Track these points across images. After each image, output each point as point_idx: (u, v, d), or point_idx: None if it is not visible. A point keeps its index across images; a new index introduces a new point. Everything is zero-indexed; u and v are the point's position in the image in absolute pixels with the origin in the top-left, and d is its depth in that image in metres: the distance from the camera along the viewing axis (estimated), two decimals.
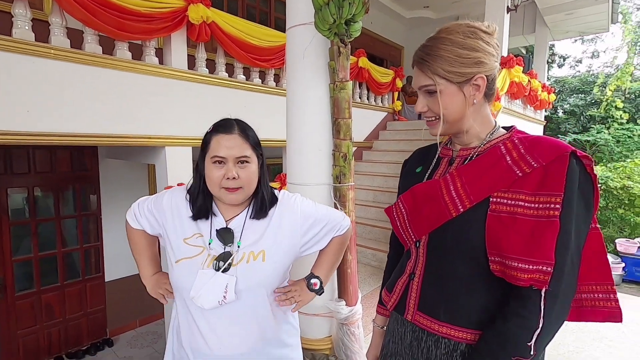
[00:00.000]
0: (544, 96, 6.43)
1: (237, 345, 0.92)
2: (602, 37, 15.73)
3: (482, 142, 0.79)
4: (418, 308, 0.80)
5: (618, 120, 11.62)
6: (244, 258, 0.91)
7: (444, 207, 0.75)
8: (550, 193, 0.65)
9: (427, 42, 0.80)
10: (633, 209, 7.67)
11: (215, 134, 0.91)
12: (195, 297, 0.87)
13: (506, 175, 0.70)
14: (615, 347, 2.44)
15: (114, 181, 4.27)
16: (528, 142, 0.72)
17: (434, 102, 0.77)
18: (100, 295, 4.24)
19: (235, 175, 0.87)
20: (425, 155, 0.93)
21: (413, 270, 0.83)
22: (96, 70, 2.54)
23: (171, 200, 0.98)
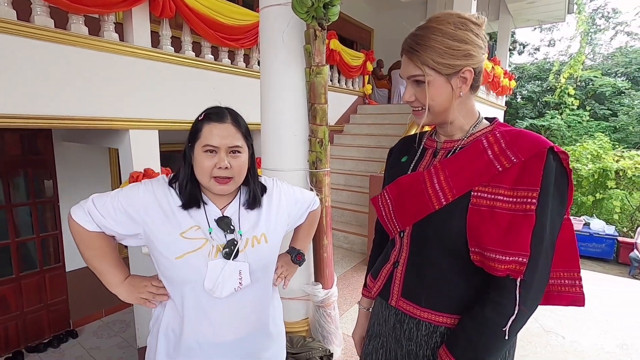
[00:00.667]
0: (506, 82, 6.71)
1: (247, 328, 0.95)
2: (559, 27, 16.53)
3: (465, 135, 0.80)
4: (401, 295, 0.84)
5: (570, 106, 12.42)
6: (248, 243, 0.93)
7: (427, 200, 0.77)
8: (528, 188, 0.68)
9: (418, 30, 0.78)
10: (580, 190, 8.31)
11: (208, 123, 0.88)
12: (212, 289, 0.87)
13: (487, 170, 0.73)
14: (564, 316, 2.68)
15: (71, 166, 4.00)
16: (509, 136, 0.74)
17: (421, 92, 0.78)
18: (61, 286, 4.03)
19: (227, 165, 0.86)
20: (410, 144, 0.94)
21: (397, 259, 0.86)
22: (48, 45, 2.33)
23: (153, 194, 0.90)
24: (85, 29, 2.51)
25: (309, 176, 1.90)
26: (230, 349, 0.93)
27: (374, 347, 0.94)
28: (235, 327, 0.93)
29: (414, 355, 0.82)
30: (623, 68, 13.74)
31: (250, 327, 0.96)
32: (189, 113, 3.20)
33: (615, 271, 6.23)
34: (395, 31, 8.30)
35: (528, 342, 2.34)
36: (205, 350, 0.92)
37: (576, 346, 2.31)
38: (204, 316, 0.90)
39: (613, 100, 12.99)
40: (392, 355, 0.88)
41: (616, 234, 7.29)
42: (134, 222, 0.88)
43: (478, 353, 0.71)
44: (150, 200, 0.89)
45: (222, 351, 0.92)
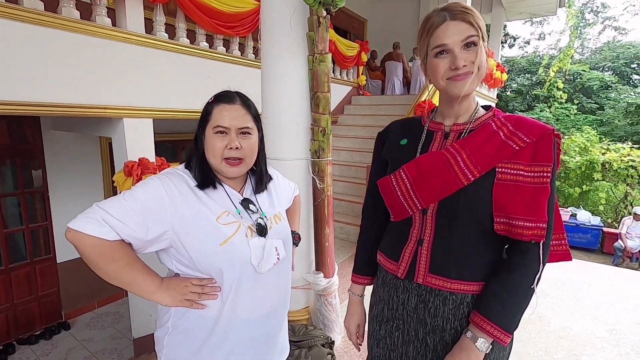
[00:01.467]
0: (498, 75, 6.76)
1: (279, 301, 0.98)
2: (549, 20, 16.67)
3: (470, 119, 0.87)
4: (430, 271, 0.86)
5: (558, 99, 12.62)
6: (273, 222, 0.98)
7: (454, 177, 0.81)
8: (543, 164, 0.78)
9: (455, 4, 0.82)
10: (568, 181, 8.49)
11: (217, 104, 0.89)
12: (260, 265, 0.90)
13: (504, 149, 0.80)
14: (556, 303, 2.76)
15: (61, 155, 3.91)
16: (513, 120, 0.83)
17: (473, 55, 0.79)
18: (53, 278, 3.96)
19: (238, 145, 0.87)
20: (408, 128, 0.97)
21: (420, 237, 0.87)
22: (38, 29, 2.24)
23: (174, 187, 0.85)
24: (76, 12, 2.42)
25: (311, 165, 1.89)
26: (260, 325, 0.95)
27: (387, 331, 0.94)
28: (271, 301, 0.96)
29: (440, 329, 0.85)
30: (610, 62, 13.99)
31: (280, 301, 0.99)
32: (183, 101, 3.14)
33: (600, 260, 6.41)
34: (388, 22, 8.27)
35: (523, 329, 2.40)
36: (242, 329, 0.91)
37: (568, 332, 2.39)
38: (248, 295, 0.91)
39: (600, 94, 13.24)
40: (412, 336, 0.90)
41: (601, 225, 7.50)
42: (160, 222, 0.81)
43: (512, 312, 0.78)
44: (174, 193, 0.84)
45: (255, 327, 0.94)
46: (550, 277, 3.25)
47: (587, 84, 13.14)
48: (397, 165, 0.90)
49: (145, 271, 0.85)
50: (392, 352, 0.93)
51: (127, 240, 0.80)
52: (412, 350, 0.89)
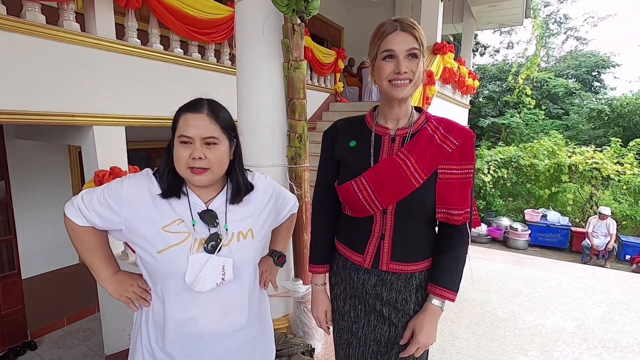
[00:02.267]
0: (470, 82, 7.00)
1: (233, 323, 0.94)
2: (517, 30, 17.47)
3: (409, 123, 1.01)
4: (391, 259, 1.02)
5: (527, 105, 13.17)
6: (234, 237, 0.92)
7: (407, 181, 0.96)
8: (468, 162, 0.97)
9: (404, 18, 0.94)
10: (538, 184, 8.85)
11: (184, 113, 0.87)
12: (193, 283, 0.85)
13: (441, 152, 0.97)
14: (529, 301, 2.85)
15: (26, 166, 3.73)
16: (443, 124, 1.00)
17: (414, 65, 0.93)
18: (17, 295, 3.73)
19: (202, 155, 0.85)
20: (354, 128, 1.07)
21: (382, 232, 1.02)
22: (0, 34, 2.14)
23: (135, 188, 0.89)
24: (42, 17, 2.33)
25: (288, 172, 1.89)
26: (216, 343, 0.92)
27: (352, 305, 1.09)
28: (218, 321, 0.92)
29: (394, 301, 1.04)
30: (573, 70, 14.77)
31: (237, 322, 0.94)
32: (157, 109, 3.07)
33: (569, 259, 6.69)
34: (364, 30, 8.41)
35: (498, 327, 2.47)
36: (189, 343, 0.90)
37: (541, 329, 2.47)
38: (186, 309, 0.89)
39: (565, 100, 13.93)
40: (371, 307, 1.06)
41: (570, 225, 7.84)
42: (117, 217, 0.88)
43: (457, 278, 1.01)
44: (133, 194, 0.88)
45: (207, 344, 0.91)
46: (524, 276, 3.37)
47: (553, 90, 13.81)
48: (352, 166, 1.02)
49: (104, 259, 0.96)
50: (354, 324, 1.09)
51: (96, 227, 0.91)
52: (374, 319, 1.06)
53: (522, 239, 7.80)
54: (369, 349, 1.07)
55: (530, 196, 9.26)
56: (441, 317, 1.03)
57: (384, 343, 1.05)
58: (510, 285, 3.17)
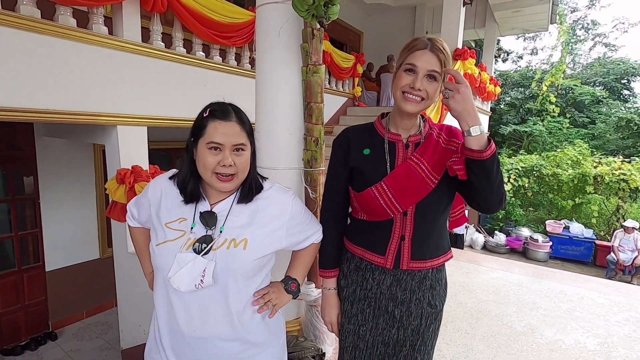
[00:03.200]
0: (491, 88, 6.87)
1: (209, 328, 0.91)
2: (541, 36, 17.04)
3: (419, 131, 1.08)
4: (411, 259, 1.07)
5: (551, 113, 12.80)
6: (224, 244, 0.90)
7: (424, 183, 1.01)
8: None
9: (437, 40, 0.98)
10: (561, 194, 8.57)
11: (213, 120, 0.88)
12: (172, 279, 0.86)
13: (447, 152, 1.03)
14: (548, 315, 2.75)
15: (53, 162, 3.88)
16: (445, 130, 1.07)
17: (430, 86, 0.97)
18: (40, 286, 3.89)
19: (232, 162, 0.87)
20: (366, 136, 1.11)
21: (402, 234, 1.06)
22: (34, 36, 2.25)
23: (155, 188, 0.99)
24: (73, 20, 2.44)
25: (303, 175, 1.90)
26: (199, 347, 0.92)
27: (359, 308, 1.12)
28: (199, 326, 0.91)
29: (408, 300, 1.08)
30: (601, 78, 14.27)
31: (220, 331, 0.92)
32: (179, 110, 3.15)
33: (592, 273, 6.43)
34: (384, 35, 8.39)
35: (515, 340, 2.39)
36: (176, 341, 0.93)
37: (560, 344, 2.38)
38: (171, 306, 0.92)
39: (592, 108, 13.46)
40: (382, 310, 1.10)
41: (594, 238, 7.55)
42: (145, 212, 1.02)
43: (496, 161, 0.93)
44: (155, 194, 0.99)
45: (191, 347, 0.92)
46: (543, 289, 3.26)
47: (579, 98, 13.37)
48: (367, 174, 1.05)
49: (148, 258, 1.04)
50: (361, 327, 1.11)
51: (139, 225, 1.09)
52: (382, 322, 1.09)
53: (543, 251, 7.56)
54: (376, 351, 1.10)
55: (552, 207, 8.97)
56: (455, 328, 1.06)
57: (392, 345, 1.09)
58: (528, 297, 3.07)
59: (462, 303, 2.86)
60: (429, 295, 1.09)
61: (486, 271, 3.68)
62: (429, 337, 1.12)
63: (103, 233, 4.32)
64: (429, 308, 1.09)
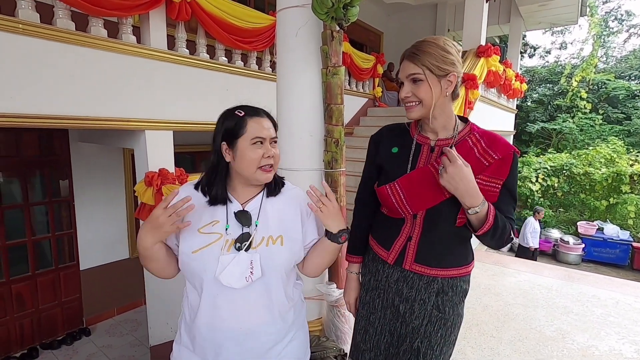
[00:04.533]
0: (517, 85, 6.66)
1: (254, 321, 0.96)
2: (570, 29, 16.36)
3: (452, 135, 1.04)
4: (415, 260, 1.07)
5: (582, 110, 12.25)
6: (263, 241, 0.96)
7: (439, 191, 0.99)
8: (498, 177, 0.99)
9: (417, 43, 1.00)
10: (593, 194, 8.18)
11: (251, 117, 0.95)
12: (221, 277, 0.90)
13: (477, 165, 0.99)
14: (580, 320, 2.64)
15: (86, 166, 4.08)
16: (486, 137, 1.02)
17: (417, 89, 0.99)
18: (75, 284, 4.10)
19: (272, 153, 0.96)
20: (398, 136, 1.14)
21: (410, 234, 1.07)
22: (69, 47, 2.38)
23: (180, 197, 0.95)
24: (104, 31, 2.56)
25: (324, 176, 1.91)
26: (241, 341, 0.95)
27: (372, 297, 1.17)
28: (245, 319, 0.95)
29: (412, 299, 1.09)
30: (637, 71, 13.54)
31: (262, 322, 0.96)
32: (203, 114, 3.24)
33: (630, 277, 6.09)
34: (404, 35, 8.31)
35: (544, 345, 2.31)
36: (217, 338, 0.94)
37: (594, 350, 2.28)
38: (217, 307, 0.93)
39: (627, 103, 12.78)
40: (389, 302, 1.14)
41: (631, 240, 7.16)
42: None
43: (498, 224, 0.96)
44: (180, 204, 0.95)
45: (234, 341, 0.94)
46: (575, 293, 3.12)
47: (613, 93, 12.72)
48: (391, 171, 1.08)
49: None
50: (372, 314, 1.17)
51: None
52: (389, 314, 1.13)
53: (575, 253, 7.25)
54: (383, 338, 1.15)
55: (585, 207, 8.58)
56: (480, 331, 1.05)
57: (396, 337, 1.13)
58: (559, 301, 2.96)
59: (488, 306, 2.79)
60: (438, 299, 1.07)
61: (513, 274, 3.56)
62: (436, 342, 1.09)
63: (132, 234, 4.49)
64: (435, 312, 1.08)
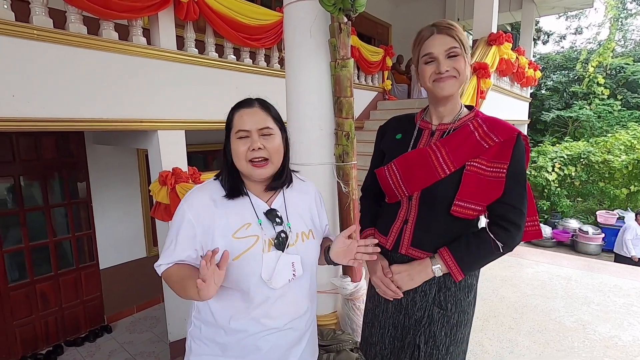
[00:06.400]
0: (530, 73, 6.49)
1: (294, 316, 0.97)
2: (586, 13, 15.84)
3: (454, 119, 1.04)
4: (411, 244, 1.06)
5: (599, 96, 11.89)
6: (298, 238, 0.97)
7: (433, 171, 0.99)
8: (501, 161, 0.96)
9: (440, 21, 1.00)
10: (613, 182, 7.95)
11: (237, 110, 0.94)
12: (269, 280, 0.89)
13: (476, 148, 0.98)
14: (602, 311, 2.58)
15: (102, 168, 4.17)
16: (488, 122, 1.00)
17: (456, 63, 0.97)
18: (96, 283, 4.21)
19: (261, 145, 0.89)
20: (403, 124, 1.14)
21: (406, 218, 1.07)
22: (82, 51, 2.43)
23: (195, 206, 0.92)
24: (115, 34, 2.60)
25: (335, 169, 1.91)
26: (279, 336, 0.95)
27: (375, 290, 1.16)
28: (286, 316, 0.95)
29: (413, 290, 1.07)
30: None
31: (297, 315, 0.99)
32: (213, 113, 3.26)
33: None
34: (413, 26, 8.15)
35: (564, 336, 2.27)
36: (255, 337, 0.93)
37: (616, 341, 2.22)
38: (259, 307, 0.92)
39: None
40: None
41: None
42: (191, 241, 0.91)
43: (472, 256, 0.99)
44: (199, 212, 0.91)
45: (273, 338, 0.94)
46: (595, 283, 3.05)
47: (632, 77, 12.28)
48: (392, 157, 1.08)
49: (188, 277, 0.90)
50: (376, 307, 1.17)
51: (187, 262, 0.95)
52: (391, 307, 1.12)
53: (594, 243, 7.07)
54: (387, 332, 1.15)
55: (604, 196, 8.35)
56: (498, 322, 1.02)
57: (400, 330, 1.12)
58: (579, 292, 2.90)
59: (505, 297, 2.75)
60: (440, 295, 1.04)
61: (530, 264, 3.50)
62: (441, 341, 1.05)
63: (148, 233, 4.58)
64: (437, 309, 1.04)
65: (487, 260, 1.01)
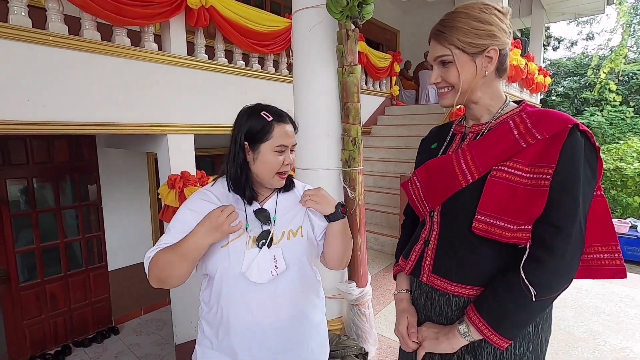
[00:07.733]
0: (540, 79, 6.45)
1: (285, 316, 0.97)
2: (597, 19, 15.68)
3: (493, 117, 0.84)
4: (432, 271, 0.86)
5: (611, 102, 11.72)
6: (284, 236, 0.98)
7: (454, 179, 0.81)
8: (546, 164, 0.71)
9: (445, 16, 0.83)
10: (625, 190, 7.82)
11: (278, 124, 0.95)
12: (248, 274, 0.92)
13: (512, 148, 0.76)
14: (612, 321, 2.53)
15: (113, 171, 4.24)
16: (535, 116, 0.77)
17: (447, 73, 0.81)
18: (104, 285, 4.26)
19: (291, 160, 0.98)
20: (441, 132, 0.98)
21: (428, 238, 0.89)
22: (95, 57, 2.49)
23: (199, 207, 0.95)
24: (127, 40, 2.66)
25: (342, 175, 1.92)
26: (269, 335, 0.96)
27: None
28: (273, 314, 0.95)
29: (437, 314, 0.86)
30: None
31: (289, 316, 0.98)
32: (222, 118, 3.30)
33: None
34: (421, 31, 8.19)
35: (573, 347, 2.23)
36: (244, 335, 0.94)
37: (628, 352, 2.17)
38: (244, 303, 0.94)
39: None
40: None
41: None
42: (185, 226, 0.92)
43: (503, 311, 0.73)
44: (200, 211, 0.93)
45: (262, 337, 0.95)
46: (606, 293, 2.99)
47: None
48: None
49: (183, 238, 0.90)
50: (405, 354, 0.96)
51: None
52: None
53: None
54: None
55: (616, 204, 8.19)
56: None
57: None
58: (589, 301, 2.84)
59: None
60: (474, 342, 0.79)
61: None
62: None
63: (157, 235, 4.63)
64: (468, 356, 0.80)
65: (529, 312, 0.72)
